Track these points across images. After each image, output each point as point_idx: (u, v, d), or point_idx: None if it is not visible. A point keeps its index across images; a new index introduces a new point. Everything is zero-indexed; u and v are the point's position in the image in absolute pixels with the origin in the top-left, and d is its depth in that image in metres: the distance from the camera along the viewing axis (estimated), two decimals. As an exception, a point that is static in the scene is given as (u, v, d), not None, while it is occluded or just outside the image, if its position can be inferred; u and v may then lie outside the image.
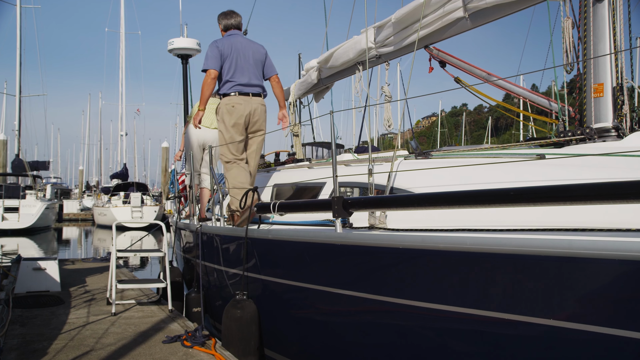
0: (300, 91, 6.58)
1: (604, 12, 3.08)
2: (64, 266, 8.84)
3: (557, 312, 2.04)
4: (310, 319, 3.62)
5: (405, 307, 2.64)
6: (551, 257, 2.00)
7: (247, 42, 4.79)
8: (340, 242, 2.97)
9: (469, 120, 67.12)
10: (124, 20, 37.05)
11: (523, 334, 2.18)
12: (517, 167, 2.93)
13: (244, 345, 4.01)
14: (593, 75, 3.05)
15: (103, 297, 5.99)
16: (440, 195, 2.43)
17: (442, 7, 4.08)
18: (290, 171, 4.85)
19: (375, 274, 2.82)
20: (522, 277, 2.14)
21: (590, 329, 1.95)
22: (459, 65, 4.47)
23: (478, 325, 2.32)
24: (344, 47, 5.40)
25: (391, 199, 2.87)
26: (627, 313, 1.87)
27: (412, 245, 2.53)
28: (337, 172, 3.09)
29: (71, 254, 16.57)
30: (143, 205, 27.00)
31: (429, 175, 3.17)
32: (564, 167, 2.74)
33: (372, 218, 2.95)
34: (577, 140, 3.01)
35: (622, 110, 2.95)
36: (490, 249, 2.19)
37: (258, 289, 4.10)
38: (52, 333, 4.35)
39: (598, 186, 1.82)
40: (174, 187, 8.19)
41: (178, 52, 7.86)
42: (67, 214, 34.80)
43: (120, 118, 37.65)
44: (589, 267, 1.92)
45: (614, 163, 2.62)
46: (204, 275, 5.35)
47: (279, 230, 3.73)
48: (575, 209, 2.37)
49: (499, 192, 2.16)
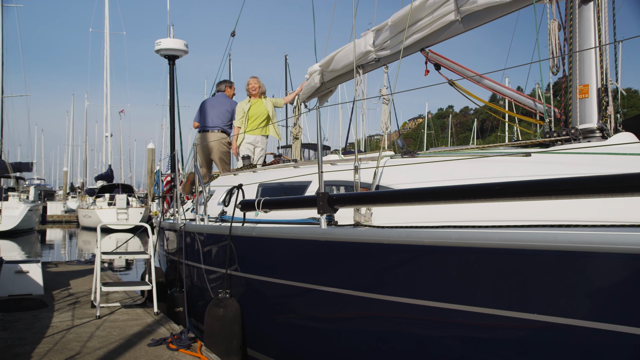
0: (305, 95, 6.58)
1: (589, 14, 3.12)
2: (48, 269, 8.70)
3: (541, 307, 2.06)
4: (294, 317, 3.61)
5: (390, 304, 2.63)
6: (535, 250, 2.02)
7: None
8: (325, 238, 2.97)
9: (455, 122, 67.70)
10: (109, 21, 36.68)
11: (507, 328, 2.19)
12: (503, 164, 2.96)
13: (227, 344, 3.99)
14: (579, 77, 3.08)
15: (87, 300, 5.90)
16: (424, 191, 2.43)
17: (435, 10, 4.11)
18: (276, 170, 4.83)
19: (360, 270, 2.82)
20: (506, 271, 2.15)
21: (572, 322, 1.98)
22: (453, 68, 4.50)
23: (463, 319, 2.33)
24: (345, 50, 5.41)
25: (376, 194, 2.87)
26: (606, 307, 1.90)
27: (397, 241, 2.53)
28: (322, 169, 3.09)
29: (55, 257, 16.31)
30: (128, 206, 26.71)
31: (414, 173, 3.18)
32: (549, 165, 2.77)
33: (358, 215, 2.95)
34: (562, 141, 3.05)
35: (607, 112, 2.99)
36: (474, 244, 2.21)
37: (241, 287, 4.08)
38: (34, 337, 4.26)
39: (581, 180, 1.85)
40: (158, 188, 8.11)
41: (165, 53, 7.78)
42: (51, 216, 34.33)
43: (105, 119, 37.19)
44: (574, 261, 1.94)
45: (599, 162, 2.65)
46: (187, 275, 5.31)
47: (263, 227, 3.71)
48: (557, 208, 2.39)
49: (484, 187, 2.17)
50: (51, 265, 9.46)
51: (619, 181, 1.75)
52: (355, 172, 3.11)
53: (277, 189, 4.38)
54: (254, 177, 5.03)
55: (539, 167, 2.78)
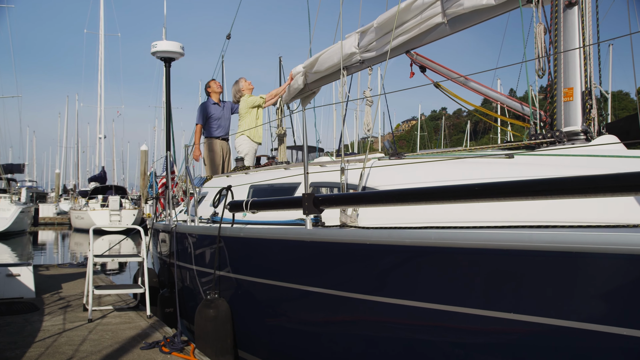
0: (288, 96, 6.61)
1: (573, 18, 3.17)
2: (39, 272, 8.66)
3: (517, 306, 2.11)
4: (282, 318, 3.64)
5: (375, 304, 2.67)
6: (512, 250, 2.06)
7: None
8: (310, 238, 3.01)
9: (448, 124, 67.89)
10: (104, 22, 36.54)
11: (483, 327, 2.24)
12: (486, 166, 3.00)
13: (221, 344, 4.02)
14: (563, 80, 3.13)
15: (79, 303, 5.89)
16: (406, 192, 2.48)
17: (422, 12, 4.15)
18: (268, 172, 4.87)
19: (344, 271, 2.86)
20: (484, 270, 2.20)
21: (544, 321, 2.03)
22: (438, 70, 4.54)
23: (444, 319, 2.37)
24: (329, 52, 5.44)
25: (359, 195, 2.92)
26: (582, 308, 1.94)
27: (378, 241, 2.58)
28: (308, 170, 3.13)
29: (47, 259, 16.21)
30: (121, 208, 26.60)
31: (400, 175, 3.23)
32: (531, 167, 2.82)
33: (344, 216, 2.98)
34: (547, 143, 3.09)
35: (591, 114, 3.05)
36: (453, 244, 2.26)
37: (230, 288, 4.11)
38: (25, 341, 4.25)
39: (557, 181, 1.90)
40: (153, 189, 8.11)
41: (161, 55, 7.79)
42: (43, 218, 34.10)
43: (98, 120, 36.96)
44: (546, 261, 1.99)
45: (580, 164, 2.70)
46: (179, 276, 5.32)
47: (250, 228, 3.75)
48: (544, 209, 2.44)
49: (463, 188, 2.22)
50: (43, 268, 9.41)
51: (592, 182, 1.80)
52: (341, 174, 3.15)
53: (268, 190, 4.42)
54: (247, 179, 5.07)
55: (521, 168, 2.83)
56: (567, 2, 3.16)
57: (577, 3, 3.14)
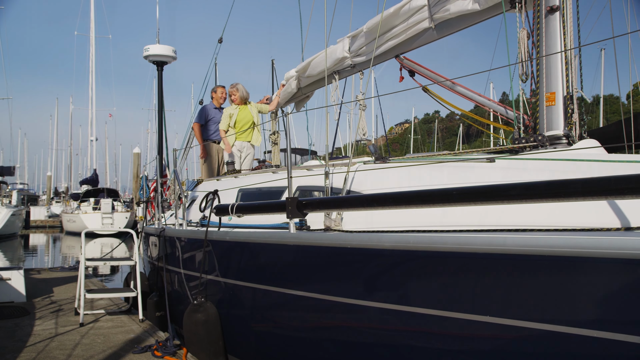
0: (283, 100, 6.65)
1: (555, 23, 3.24)
2: (30, 276, 8.63)
3: (494, 309, 2.16)
4: (267, 321, 3.68)
5: (359, 307, 2.71)
6: (490, 254, 2.11)
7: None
8: (293, 242, 3.05)
9: (441, 127, 68.13)
10: (94, 24, 36.39)
11: (461, 329, 2.29)
12: (467, 170, 3.06)
13: (214, 347, 4.06)
14: (545, 84, 3.19)
15: (71, 307, 5.89)
16: (389, 196, 2.53)
17: (410, 17, 4.22)
18: (256, 176, 4.91)
19: (326, 274, 2.90)
20: (463, 273, 2.25)
21: (523, 324, 2.08)
22: (426, 74, 4.60)
23: (428, 323, 2.41)
24: (321, 56, 5.48)
25: (343, 199, 2.97)
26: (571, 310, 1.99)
27: (359, 244, 2.62)
28: (292, 174, 3.18)
29: (38, 263, 16.09)
30: (114, 211, 26.46)
31: (385, 179, 3.28)
32: (511, 171, 2.88)
33: (328, 220, 3.03)
34: (530, 147, 3.15)
35: (572, 119, 3.11)
36: (431, 247, 2.31)
37: (217, 292, 4.14)
38: (16, 345, 4.25)
39: (534, 185, 1.95)
40: (144, 193, 8.10)
41: (154, 59, 7.81)
42: (35, 221, 33.87)
43: (90, 123, 36.78)
44: (522, 264, 2.04)
45: (560, 168, 2.75)
46: (168, 280, 5.34)
47: (236, 232, 3.79)
48: (531, 213, 2.49)
49: (444, 192, 2.27)
50: (34, 272, 9.37)
51: (564, 187, 1.85)
52: (325, 178, 3.20)
53: (256, 194, 4.46)
54: (236, 183, 5.10)
55: (501, 172, 2.88)
56: (549, 8, 3.23)
57: (558, 9, 3.21)
